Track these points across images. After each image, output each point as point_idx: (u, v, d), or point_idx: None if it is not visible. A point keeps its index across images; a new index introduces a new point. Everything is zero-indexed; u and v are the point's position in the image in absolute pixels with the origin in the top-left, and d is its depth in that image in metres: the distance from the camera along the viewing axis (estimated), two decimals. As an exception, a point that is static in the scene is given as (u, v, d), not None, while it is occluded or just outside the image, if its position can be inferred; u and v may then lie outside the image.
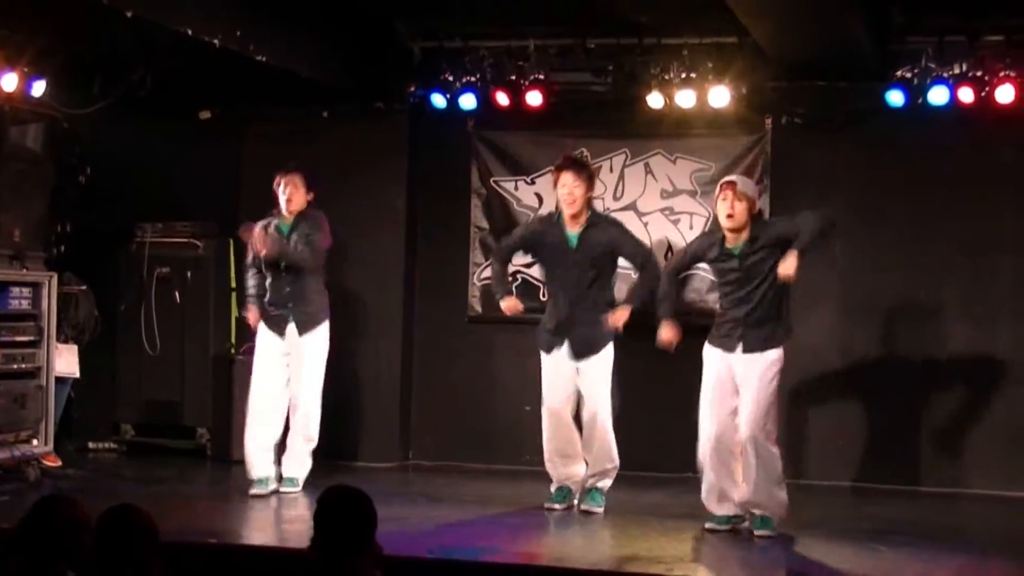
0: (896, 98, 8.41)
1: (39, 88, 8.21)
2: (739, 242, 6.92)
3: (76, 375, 8.87)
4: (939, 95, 8.24)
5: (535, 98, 8.81)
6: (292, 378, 7.96)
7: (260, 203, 8.25)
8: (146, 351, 9.50)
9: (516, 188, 9.39)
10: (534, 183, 9.33)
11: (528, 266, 8.90)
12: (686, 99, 8.61)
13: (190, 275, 9.50)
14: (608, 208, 9.10)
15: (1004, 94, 8.10)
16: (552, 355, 7.51)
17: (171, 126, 9.50)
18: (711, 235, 7.36)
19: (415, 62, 9.32)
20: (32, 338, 8.37)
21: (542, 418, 7.59)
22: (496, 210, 9.39)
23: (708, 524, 6.94)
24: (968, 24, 8.23)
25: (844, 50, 8.23)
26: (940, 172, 8.71)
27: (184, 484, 8.55)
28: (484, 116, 9.17)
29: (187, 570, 4.34)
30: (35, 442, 8.28)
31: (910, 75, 8.34)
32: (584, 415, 7.50)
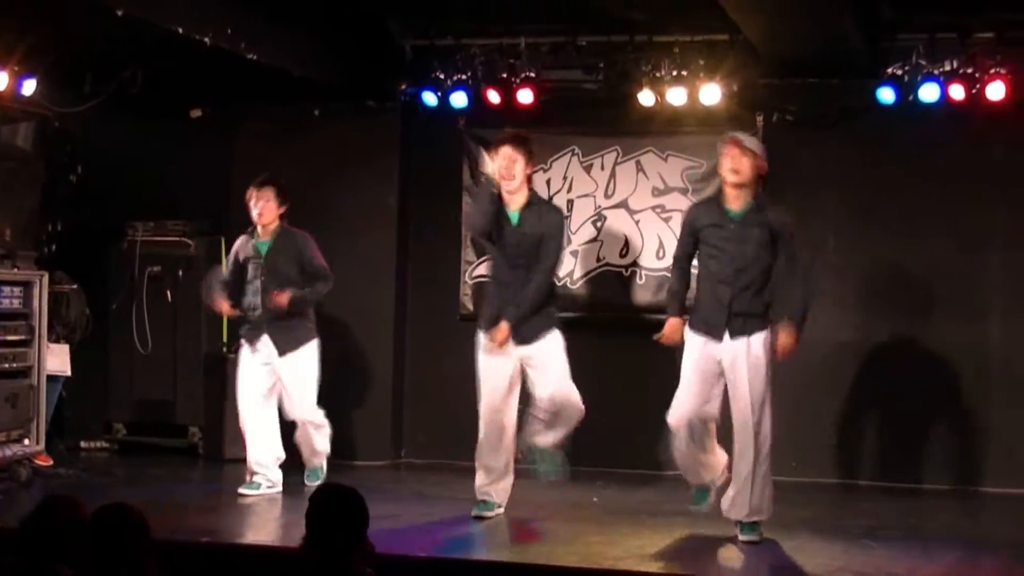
0: (887, 95, 8.42)
1: (30, 86, 8.18)
2: (741, 206, 6.48)
3: (68, 374, 8.86)
4: (930, 92, 8.25)
5: (526, 96, 8.82)
6: (283, 399, 7.93)
7: (251, 202, 8.23)
8: (138, 350, 9.48)
9: (508, 186, 9.37)
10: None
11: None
12: (677, 96, 8.61)
13: (182, 274, 9.49)
14: (599, 206, 9.11)
15: (995, 91, 8.12)
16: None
17: (162, 124, 9.50)
18: (706, 201, 6.86)
19: (407, 60, 9.33)
20: (23, 337, 8.35)
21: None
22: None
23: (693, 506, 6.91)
24: (959, 21, 8.26)
25: (835, 47, 8.24)
26: (931, 169, 8.72)
27: (176, 483, 8.53)
28: (475, 114, 9.16)
29: (180, 569, 4.33)
30: (26, 441, 8.26)
31: (901, 72, 8.34)
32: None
